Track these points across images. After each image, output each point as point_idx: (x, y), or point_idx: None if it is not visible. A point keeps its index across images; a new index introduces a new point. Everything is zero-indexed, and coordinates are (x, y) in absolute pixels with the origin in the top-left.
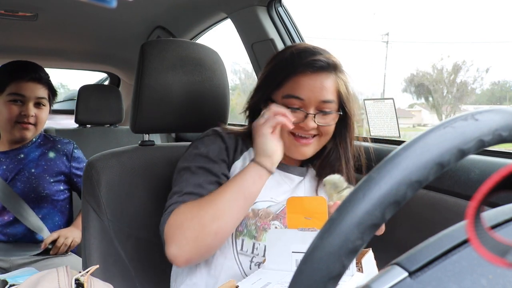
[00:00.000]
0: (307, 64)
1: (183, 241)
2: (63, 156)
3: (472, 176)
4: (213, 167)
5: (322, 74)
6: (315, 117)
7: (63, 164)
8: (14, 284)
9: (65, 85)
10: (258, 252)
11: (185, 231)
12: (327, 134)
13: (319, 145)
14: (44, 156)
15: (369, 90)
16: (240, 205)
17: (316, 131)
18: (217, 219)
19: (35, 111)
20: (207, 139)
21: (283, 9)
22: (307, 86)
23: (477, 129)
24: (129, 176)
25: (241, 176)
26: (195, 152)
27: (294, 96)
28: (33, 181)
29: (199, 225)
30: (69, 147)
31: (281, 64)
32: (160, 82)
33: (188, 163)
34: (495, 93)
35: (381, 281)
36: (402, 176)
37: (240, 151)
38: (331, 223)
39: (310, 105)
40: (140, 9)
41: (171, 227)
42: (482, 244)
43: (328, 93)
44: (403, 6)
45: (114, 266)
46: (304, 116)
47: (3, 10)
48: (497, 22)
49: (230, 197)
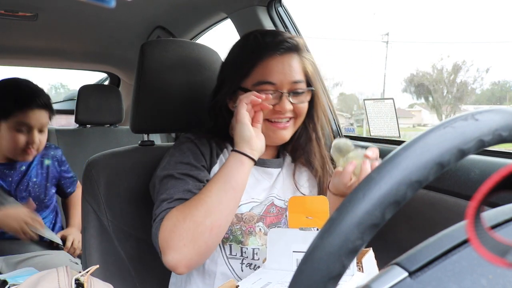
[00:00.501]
0: (274, 47)
1: (180, 244)
2: (55, 162)
3: (472, 176)
4: (197, 173)
5: (289, 56)
6: (290, 98)
7: (56, 170)
8: (14, 284)
9: (65, 85)
10: (247, 255)
11: (180, 233)
12: (301, 115)
13: (295, 128)
14: (42, 164)
15: (369, 90)
16: (230, 196)
17: (292, 113)
18: (209, 214)
19: (38, 137)
20: (184, 147)
21: (283, 9)
22: (277, 69)
23: (477, 129)
24: (129, 176)
25: (224, 167)
26: (175, 160)
27: (265, 81)
28: (36, 190)
29: (193, 224)
30: (58, 153)
31: (246, 51)
32: (160, 82)
33: (170, 171)
34: (495, 93)
35: (381, 281)
36: (402, 176)
37: (216, 155)
38: (331, 223)
39: (282, 88)
40: (140, 9)
41: (165, 232)
42: (482, 244)
43: (297, 73)
44: (403, 6)
45: (114, 266)
46: (279, 99)
47: (3, 10)
48: (497, 22)
49: (218, 190)
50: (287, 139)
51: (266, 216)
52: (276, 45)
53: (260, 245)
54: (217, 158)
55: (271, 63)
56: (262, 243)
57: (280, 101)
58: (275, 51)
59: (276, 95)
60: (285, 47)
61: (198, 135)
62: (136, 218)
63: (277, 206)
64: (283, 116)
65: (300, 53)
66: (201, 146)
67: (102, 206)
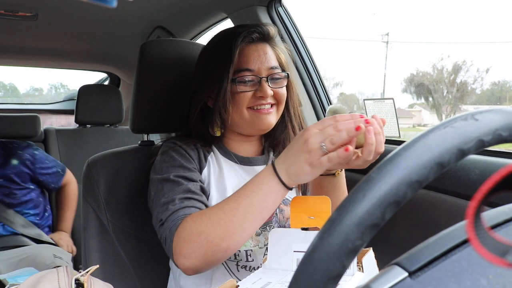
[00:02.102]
0: (247, 36)
1: (192, 255)
2: (26, 161)
3: (472, 176)
4: (191, 175)
5: (262, 43)
6: (269, 83)
7: (27, 168)
8: (14, 284)
9: (65, 85)
10: (241, 258)
11: (193, 246)
12: (282, 101)
13: (278, 114)
14: (8, 164)
15: (369, 90)
16: (255, 222)
17: (273, 100)
18: (227, 238)
19: None
20: (172, 151)
21: (283, 9)
22: (253, 57)
23: (477, 129)
24: (129, 176)
25: (256, 189)
26: (167, 164)
27: (244, 69)
28: (5, 189)
29: (206, 242)
30: (29, 152)
31: (222, 44)
32: (160, 82)
33: (165, 174)
34: (495, 93)
35: (381, 281)
36: (402, 176)
37: (204, 158)
38: (331, 223)
39: (261, 74)
40: (140, 9)
41: (179, 240)
42: (482, 244)
43: (272, 60)
44: (403, 6)
45: (114, 266)
46: (259, 85)
47: (3, 10)
48: (497, 22)
49: (243, 215)
50: (272, 125)
51: None
52: (249, 34)
53: (252, 247)
54: (205, 161)
55: (247, 52)
56: (254, 244)
57: (260, 86)
58: (250, 40)
59: (255, 81)
60: (258, 35)
61: (183, 140)
62: (136, 218)
63: None
64: (265, 102)
65: (272, 41)
66: (189, 151)
67: (102, 206)
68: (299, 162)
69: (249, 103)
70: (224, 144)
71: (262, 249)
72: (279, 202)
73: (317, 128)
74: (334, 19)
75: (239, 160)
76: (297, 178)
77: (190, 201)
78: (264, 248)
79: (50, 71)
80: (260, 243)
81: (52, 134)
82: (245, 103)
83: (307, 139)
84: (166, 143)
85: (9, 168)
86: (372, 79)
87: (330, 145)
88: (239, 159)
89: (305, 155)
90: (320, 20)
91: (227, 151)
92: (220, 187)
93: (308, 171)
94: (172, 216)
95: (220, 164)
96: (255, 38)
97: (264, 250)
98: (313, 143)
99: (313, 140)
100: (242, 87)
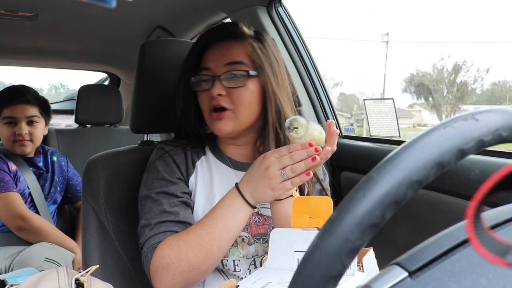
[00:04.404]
0: (214, 36)
1: (173, 282)
2: (61, 161)
3: (472, 176)
4: (172, 189)
5: (228, 43)
6: (223, 80)
7: (63, 170)
8: (14, 284)
9: (65, 85)
10: (229, 268)
11: (174, 273)
12: (240, 103)
13: (237, 120)
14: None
15: (369, 90)
16: (230, 241)
17: (228, 102)
18: (207, 260)
19: (28, 129)
20: (159, 162)
21: (283, 9)
22: (212, 55)
23: (477, 129)
24: (129, 176)
25: (226, 211)
26: (152, 176)
27: (203, 68)
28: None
29: (188, 267)
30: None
31: (195, 46)
32: (160, 82)
33: (148, 191)
34: (495, 93)
35: (381, 281)
36: (402, 176)
37: (192, 164)
38: (331, 223)
39: (217, 72)
40: (140, 9)
41: (157, 269)
42: (482, 244)
43: (234, 55)
44: (403, 6)
45: (114, 266)
46: (212, 84)
47: (3, 10)
48: (497, 22)
49: (219, 238)
50: (224, 131)
51: (250, 226)
52: (216, 34)
53: (241, 256)
54: (194, 167)
55: (210, 52)
56: (243, 254)
57: (213, 85)
58: (215, 40)
59: (210, 80)
60: (225, 35)
61: (173, 145)
62: (136, 218)
63: (263, 215)
64: (215, 103)
65: (243, 40)
66: (176, 158)
67: (102, 206)
68: (261, 187)
69: (211, 106)
70: (219, 146)
71: (250, 260)
72: (247, 219)
73: (275, 157)
74: (334, 19)
75: (233, 164)
76: (262, 199)
77: (165, 225)
78: (252, 259)
79: (50, 71)
80: (249, 253)
81: (52, 134)
82: (206, 104)
83: (268, 167)
84: (156, 149)
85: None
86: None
87: (291, 173)
88: (233, 163)
89: (267, 181)
90: (320, 20)
91: (222, 154)
92: (209, 193)
93: (271, 194)
94: (147, 243)
95: (211, 169)
96: (222, 37)
97: (251, 260)
98: (273, 171)
99: (273, 168)
100: (198, 87)
